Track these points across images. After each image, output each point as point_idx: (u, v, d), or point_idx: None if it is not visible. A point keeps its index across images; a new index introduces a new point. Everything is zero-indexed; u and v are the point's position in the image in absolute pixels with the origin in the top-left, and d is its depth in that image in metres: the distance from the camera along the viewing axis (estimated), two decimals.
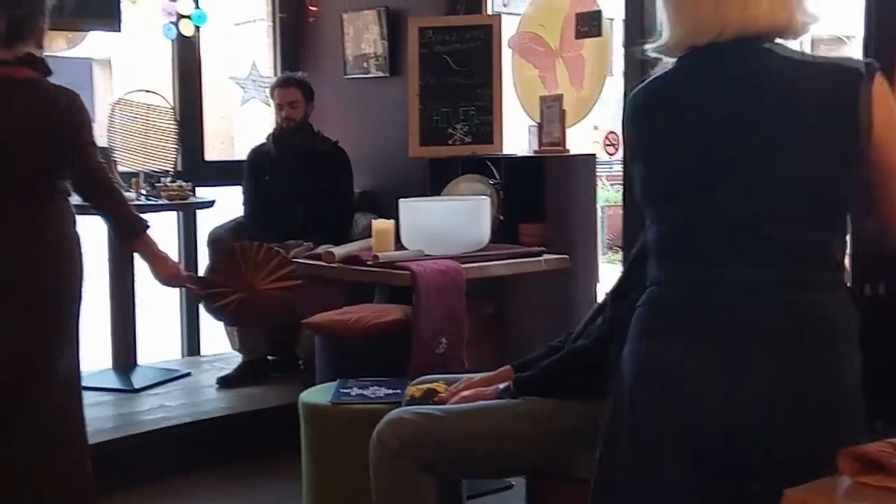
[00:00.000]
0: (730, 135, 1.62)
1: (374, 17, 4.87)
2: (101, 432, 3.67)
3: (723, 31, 1.63)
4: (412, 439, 2.44)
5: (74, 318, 2.88)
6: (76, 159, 2.85)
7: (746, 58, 1.64)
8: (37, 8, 2.80)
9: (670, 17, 1.69)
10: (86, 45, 9.74)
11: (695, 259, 1.68)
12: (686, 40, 1.67)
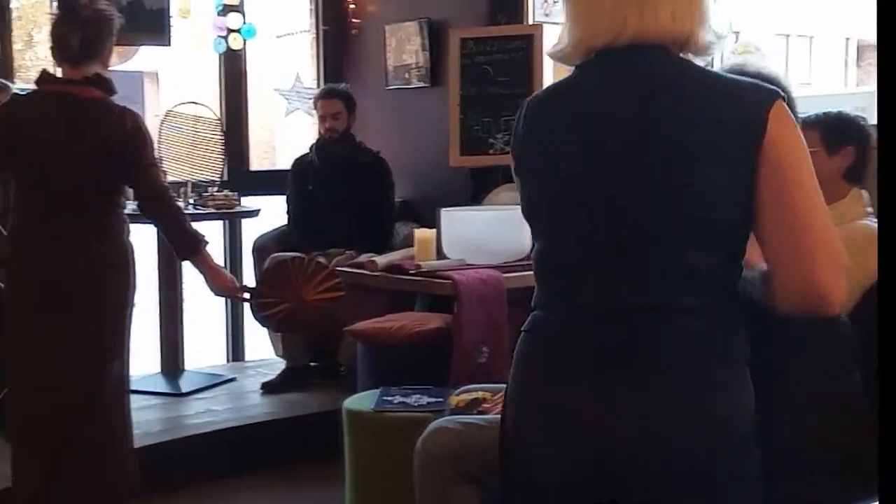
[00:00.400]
0: (622, 147, 1.50)
1: (416, 28, 4.93)
2: (150, 435, 3.74)
3: (620, 34, 1.52)
4: (456, 449, 2.44)
5: (127, 325, 2.98)
6: (139, 180, 2.94)
7: (645, 65, 1.52)
8: (107, 29, 2.88)
9: (569, 19, 1.60)
10: (135, 58, 9.95)
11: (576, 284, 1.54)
12: (583, 43, 1.57)
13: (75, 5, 2.86)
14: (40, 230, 2.86)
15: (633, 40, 1.52)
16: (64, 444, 2.89)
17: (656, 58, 1.52)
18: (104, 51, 2.89)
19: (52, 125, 2.83)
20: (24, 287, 2.87)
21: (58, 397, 2.87)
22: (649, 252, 1.49)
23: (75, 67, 2.85)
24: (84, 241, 2.87)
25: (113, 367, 2.96)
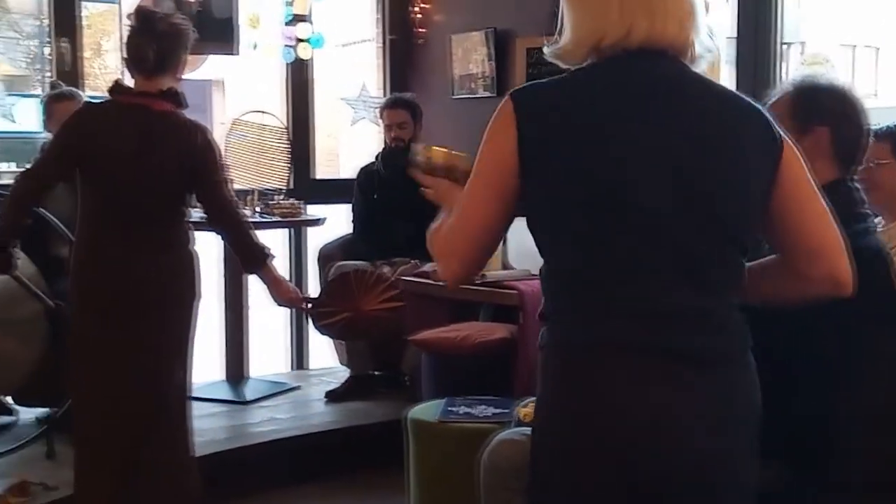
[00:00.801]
0: (656, 159, 1.52)
1: (482, 37, 4.90)
2: (215, 443, 3.78)
3: (628, 35, 1.55)
4: (522, 462, 2.38)
5: (192, 333, 3.01)
6: (208, 195, 2.98)
7: (673, 71, 1.58)
8: (181, 43, 2.91)
9: (573, 17, 1.62)
10: (201, 66, 10.06)
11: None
12: (587, 40, 1.59)
13: (152, 17, 2.90)
14: (108, 240, 2.88)
15: (641, 45, 1.55)
16: (131, 453, 2.91)
17: (671, 66, 1.57)
18: (178, 64, 2.92)
19: (125, 137, 2.85)
20: (91, 296, 2.89)
21: (125, 406, 2.89)
22: (691, 259, 1.53)
23: (149, 79, 2.87)
24: (152, 252, 2.89)
25: (178, 376, 2.99)
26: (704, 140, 1.54)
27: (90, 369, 2.89)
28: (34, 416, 4.02)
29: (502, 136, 1.58)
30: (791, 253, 1.64)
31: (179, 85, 2.96)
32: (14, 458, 3.53)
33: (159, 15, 2.92)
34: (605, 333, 1.54)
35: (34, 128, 9.98)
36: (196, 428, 3.64)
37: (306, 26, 5.01)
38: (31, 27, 4.69)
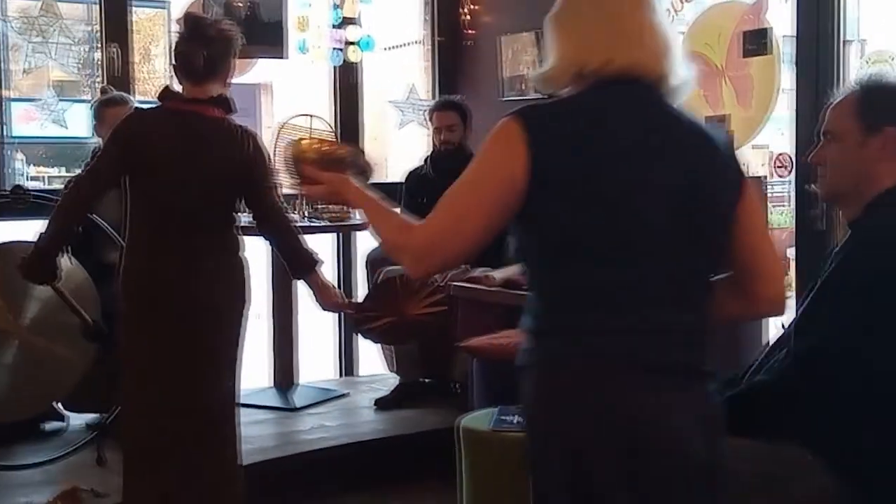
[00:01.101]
0: (668, 184, 1.64)
1: (531, 38, 4.83)
2: (263, 451, 3.75)
3: (607, 64, 1.64)
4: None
5: (241, 341, 2.99)
6: (258, 201, 2.98)
7: (655, 101, 1.68)
8: (230, 49, 2.89)
9: (558, 45, 1.74)
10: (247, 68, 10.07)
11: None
12: (570, 68, 1.69)
13: (201, 23, 2.88)
14: (160, 246, 2.86)
15: (619, 74, 1.65)
16: (180, 461, 2.90)
17: (650, 95, 1.68)
18: (227, 69, 2.90)
19: (176, 144, 2.83)
20: (143, 303, 2.87)
21: (176, 413, 2.87)
22: (688, 275, 1.67)
23: (198, 86, 2.85)
24: (204, 258, 2.87)
25: (228, 383, 2.98)
26: (694, 169, 1.66)
27: (141, 376, 2.87)
28: (83, 421, 4.03)
29: (508, 156, 1.61)
30: (747, 274, 1.76)
31: (228, 90, 2.94)
32: (64, 465, 3.54)
33: (208, 21, 2.92)
34: (612, 349, 1.63)
35: (84, 133, 10.10)
36: (244, 435, 3.62)
37: (355, 29, 4.96)
38: (82, 32, 4.68)
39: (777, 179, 4.17)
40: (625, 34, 1.67)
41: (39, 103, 4.76)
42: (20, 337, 3.37)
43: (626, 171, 1.62)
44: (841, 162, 2.23)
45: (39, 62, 4.63)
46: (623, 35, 1.67)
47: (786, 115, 4.08)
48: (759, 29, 4.02)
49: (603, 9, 1.72)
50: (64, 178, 12.85)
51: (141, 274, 2.88)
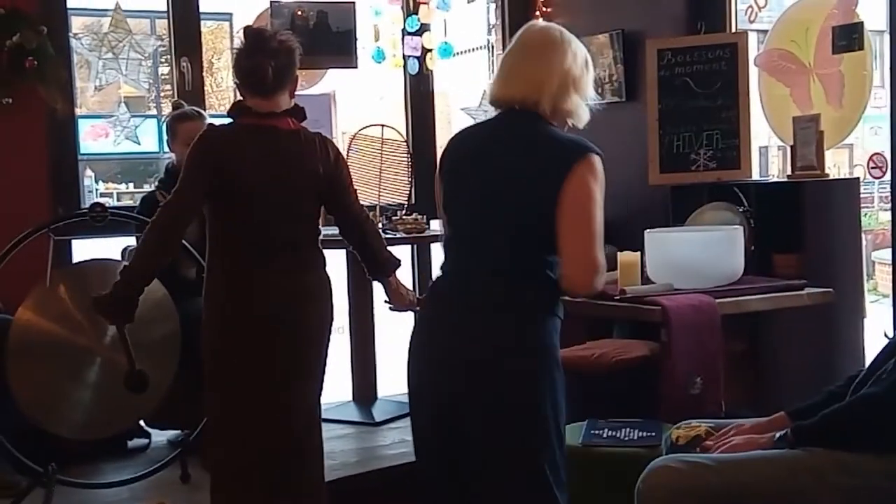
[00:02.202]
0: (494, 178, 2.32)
1: (609, 40, 4.73)
2: (347, 466, 3.72)
3: (499, 96, 2.38)
4: (681, 489, 2.33)
5: (325, 355, 2.96)
6: (344, 206, 2.99)
7: (512, 122, 2.36)
8: (294, 59, 2.86)
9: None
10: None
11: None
12: (489, 98, 2.44)
13: (264, 36, 2.85)
14: (249, 265, 2.82)
15: (506, 103, 2.36)
16: (269, 479, 2.86)
17: (519, 118, 2.34)
18: (293, 81, 2.88)
19: (259, 161, 2.79)
20: (232, 323, 2.83)
21: (265, 432, 2.84)
22: (494, 239, 2.29)
23: (268, 99, 2.82)
24: (293, 276, 2.85)
25: (315, 400, 2.97)
26: (511, 167, 2.29)
27: (230, 396, 2.84)
28: (165, 438, 4.03)
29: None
30: (559, 252, 2.24)
31: (293, 102, 2.91)
32: (149, 482, 3.53)
33: (269, 33, 2.88)
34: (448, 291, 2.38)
35: (153, 148, 10.22)
36: (327, 450, 3.58)
37: (431, 36, 4.90)
38: (152, 47, 4.68)
39: (870, 180, 4.02)
40: (500, 76, 2.41)
41: (112, 120, 4.76)
42: (102, 355, 3.36)
43: (466, 169, 2.38)
44: None
45: (111, 78, 4.63)
46: (509, 74, 2.38)
47: (878, 114, 3.94)
48: (851, 24, 3.88)
49: (500, 60, 2.49)
50: (134, 195, 13.08)
51: (230, 294, 2.83)
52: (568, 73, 2.36)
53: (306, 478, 2.93)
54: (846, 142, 4.84)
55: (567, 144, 2.29)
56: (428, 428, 2.42)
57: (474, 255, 2.33)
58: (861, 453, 2.30)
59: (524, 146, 2.30)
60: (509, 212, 2.27)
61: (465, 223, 2.36)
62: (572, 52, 2.41)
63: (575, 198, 2.21)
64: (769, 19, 4.46)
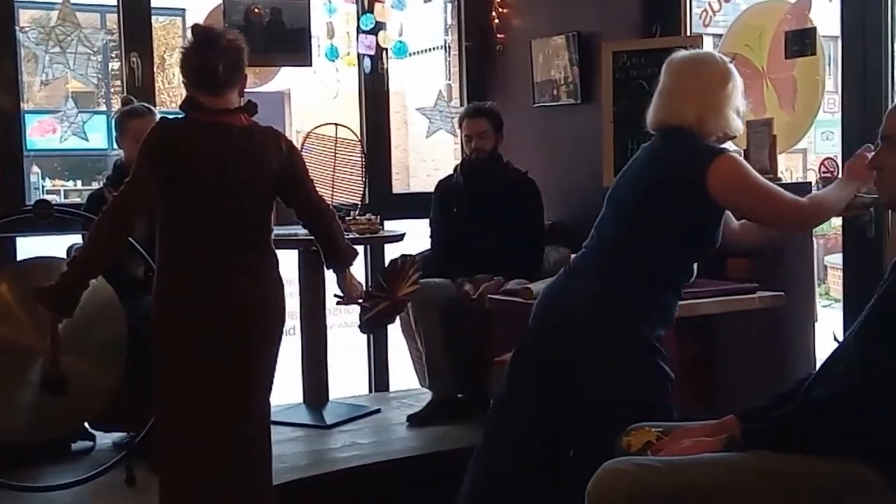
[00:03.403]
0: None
1: (565, 42, 4.72)
2: (296, 469, 3.66)
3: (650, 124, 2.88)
4: (631, 492, 2.27)
5: (275, 358, 2.94)
6: (302, 197, 2.99)
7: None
8: (243, 58, 2.86)
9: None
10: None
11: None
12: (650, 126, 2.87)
13: (213, 34, 2.84)
14: (201, 265, 2.79)
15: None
16: (217, 481, 2.84)
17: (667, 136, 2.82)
18: (242, 79, 2.87)
19: (212, 157, 2.77)
20: (183, 323, 2.79)
21: (215, 434, 2.81)
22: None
23: (219, 96, 2.80)
24: (245, 275, 2.83)
25: (264, 403, 2.95)
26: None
27: (180, 398, 2.80)
28: (110, 440, 3.96)
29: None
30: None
31: (246, 99, 2.92)
32: (94, 486, 3.45)
33: (218, 32, 2.88)
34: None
35: (101, 145, 10.05)
36: (276, 453, 3.53)
37: (386, 34, 4.86)
38: (101, 41, 4.59)
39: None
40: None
41: (59, 115, 4.66)
42: (45, 355, 3.28)
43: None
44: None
45: (58, 73, 4.54)
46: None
47: (830, 119, 3.97)
48: (804, 29, 3.90)
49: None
50: (82, 192, 12.89)
51: (181, 294, 2.79)
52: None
53: (254, 480, 2.90)
54: (799, 146, 4.89)
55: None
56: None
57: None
58: (809, 456, 2.30)
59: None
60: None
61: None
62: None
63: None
64: (724, 23, 4.48)
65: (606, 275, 2.74)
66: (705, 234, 2.78)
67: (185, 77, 2.84)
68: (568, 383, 2.72)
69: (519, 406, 2.85)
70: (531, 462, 2.78)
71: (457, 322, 4.27)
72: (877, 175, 2.32)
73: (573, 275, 2.83)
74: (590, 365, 2.71)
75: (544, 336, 2.81)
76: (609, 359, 2.70)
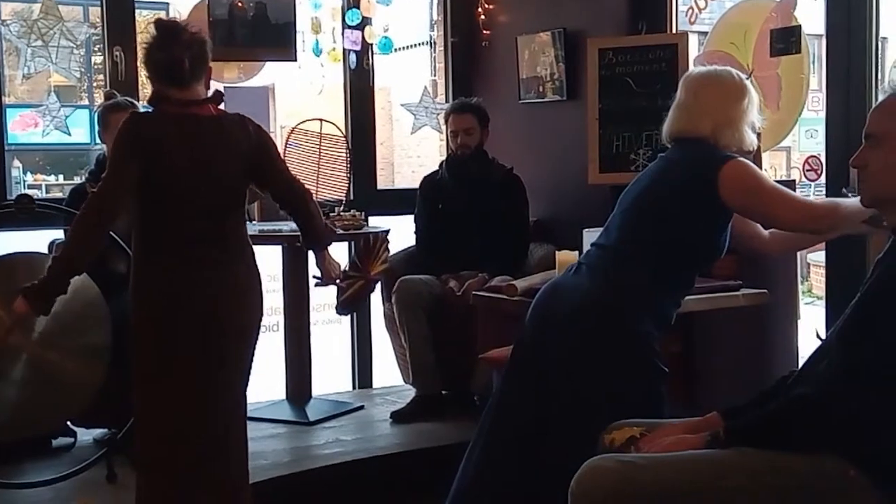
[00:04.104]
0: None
1: (550, 38, 4.72)
2: (279, 466, 3.65)
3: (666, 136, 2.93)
4: (614, 490, 2.26)
5: (253, 351, 2.94)
6: (278, 180, 2.99)
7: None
8: (207, 51, 2.87)
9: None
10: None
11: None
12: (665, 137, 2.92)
13: (177, 28, 2.86)
14: (177, 258, 2.79)
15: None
16: (196, 477, 2.83)
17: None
18: (207, 72, 2.88)
19: (184, 149, 2.77)
20: (160, 317, 2.79)
21: (194, 429, 2.81)
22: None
23: (186, 89, 2.80)
24: (222, 269, 2.82)
25: (241, 396, 2.94)
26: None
27: (158, 391, 2.80)
28: (91, 437, 3.94)
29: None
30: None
31: (214, 89, 2.95)
32: (75, 482, 3.43)
33: (181, 25, 2.89)
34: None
35: (83, 139, 10.00)
36: (258, 450, 3.55)
37: (372, 30, 4.84)
38: (84, 35, 4.56)
39: (806, 182, 4.06)
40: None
41: (41, 109, 4.63)
42: (29, 351, 3.26)
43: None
44: (884, 165, 2.17)
45: (40, 66, 4.50)
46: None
47: (815, 117, 3.99)
48: (789, 27, 3.91)
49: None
50: (64, 187, 12.82)
51: (157, 288, 2.79)
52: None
53: (229, 474, 2.90)
54: (783, 144, 4.89)
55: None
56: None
57: None
58: (792, 453, 2.30)
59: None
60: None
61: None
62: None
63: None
64: (709, 21, 4.49)
65: (608, 276, 2.78)
66: (710, 241, 2.82)
67: (150, 72, 2.85)
68: (563, 378, 2.74)
69: (515, 400, 2.86)
70: (524, 457, 2.78)
71: (441, 318, 4.26)
72: (859, 174, 2.32)
73: (577, 273, 2.86)
74: (584, 361, 2.73)
75: (542, 331, 2.83)
76: (604, 355, 2.72)
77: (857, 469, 2.10)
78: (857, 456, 2.12)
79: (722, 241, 2.84)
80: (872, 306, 2.15)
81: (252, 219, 4.33)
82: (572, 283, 2.84)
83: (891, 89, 2.20)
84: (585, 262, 2.87)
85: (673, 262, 2.79)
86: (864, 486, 2.09)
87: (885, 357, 2.08)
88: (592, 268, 2.82)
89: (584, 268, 2.85)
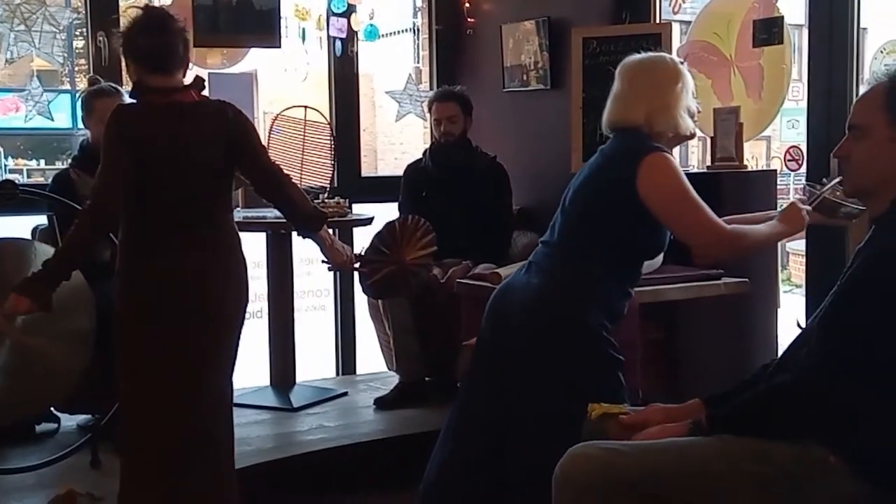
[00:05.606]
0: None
1: (535, 27, 4.72)
2: (262, 452, 3.66)
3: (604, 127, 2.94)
4: (597, 477, 2.28)
5: (238, 338, 2.93)
6: (257, 165, 2.95)
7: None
8: (185, 37, 2.87)
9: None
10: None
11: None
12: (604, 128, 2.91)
13: (165, 16, 2.86)
14: (162, 244, 2.80)
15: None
16: (180, 463, 2.83)
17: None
18: (188, 59, 2.89)
19: (169, 137, 2.78)
20: (146, 303, 2.79)
21: (179, 414, 2.81)
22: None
23: (170, 75, 2.81)
24: (207, 254, 2.83)
25: (227, 383, 2.94)
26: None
27: (144, 377, 2.80)
28: (75, 423, 3.93)
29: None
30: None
31: (195, 76, 2.95)
32: (58, 468, 3.43)
33: (163, 13, 2.90)
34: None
35: (66, 124, 9.92)
36: (242, 436, 3.55)
37: (357, 17, 4.83)
38: (67, 20, 4.53)
39: (787, 172, 4.09)
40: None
41: (24, 94, 4.60)
42: (13, 338, 3.25)
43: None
44: (867, 157, 2.19)
45: (23, 51, 4.48)
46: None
47: (795, 107, 4.01)
48: (771, 18, 3.93)
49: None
50: (46, 172, 12.72)
51: (143, 274, 2.80)
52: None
53: (215, 461, 2.90)
54: (764, 134, 4.92)
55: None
56: None
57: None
58: (773, 441, 2.33)
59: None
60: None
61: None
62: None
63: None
64: (693, 11, 4.51)
65: (555, 272, 2.78)
66: (647, 234, 2.77)
67: (133, 59, 2.83)
68: (519, 377, 2.75)
69: (476, 397, 2.89)
70: (489, 451, 2.81)
71: (425, 306, 4.27)
72: (841, 164, 2.34)
73: (528, 272, 2.86)
74: (539, 358, 2.73)
75: (497, 330, 2.85)
76: (557, 351, 2.72)
77: (837, 456, 2.12)
78: (838, 443, 2.13)
79: (662, 235, 2.79)
80: (852, 294, 2.17)
81: (237, 205, 4.32)
82: (522, 283, 2.84)
83: (875, 80, 2.22)
84: (534, 261, 2.87)
85: (614, 257, 2.77)
86: (845, 472, 2.11)
87: (864, 345, 2.10)
88: (540, 266, 2.83)
89: (534, 266, 2.85)
